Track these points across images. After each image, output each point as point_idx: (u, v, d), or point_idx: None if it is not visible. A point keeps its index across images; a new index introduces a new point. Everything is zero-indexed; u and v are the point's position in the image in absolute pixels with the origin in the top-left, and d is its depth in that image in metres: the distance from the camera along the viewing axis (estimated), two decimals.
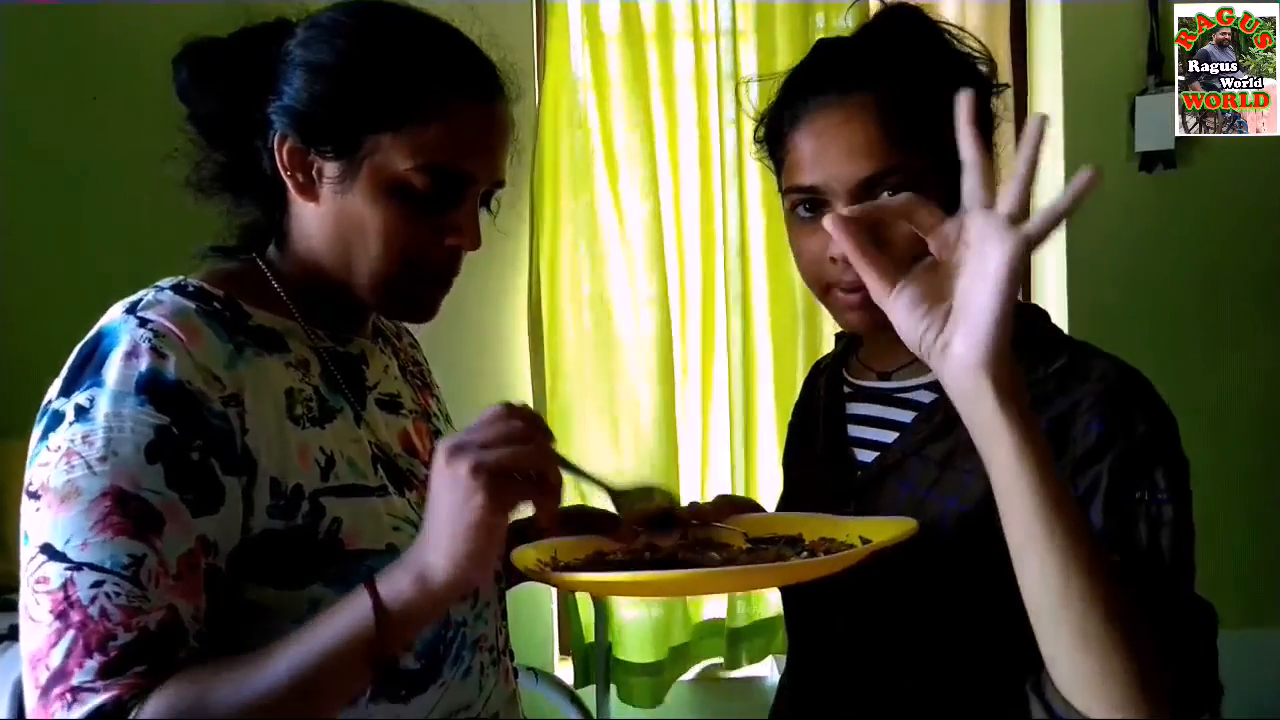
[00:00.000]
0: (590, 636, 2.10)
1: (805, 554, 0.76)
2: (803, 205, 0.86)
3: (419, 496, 0.85)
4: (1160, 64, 2.03)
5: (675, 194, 2.16)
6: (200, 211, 0.86)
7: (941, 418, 0.85)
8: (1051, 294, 2.17)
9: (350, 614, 0.69)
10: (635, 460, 2.13)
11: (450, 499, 0.67)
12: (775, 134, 0.88)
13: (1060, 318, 2.11)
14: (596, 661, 2.06)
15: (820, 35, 2.13)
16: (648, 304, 2.12)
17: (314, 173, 0.81)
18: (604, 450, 2.15)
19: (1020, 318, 0.87)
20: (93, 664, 0.65)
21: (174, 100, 0.84)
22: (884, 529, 0.78)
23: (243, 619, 0.74)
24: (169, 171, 0.85)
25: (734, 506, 0.95)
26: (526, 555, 0.81)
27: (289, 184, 0.81)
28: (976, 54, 0.89)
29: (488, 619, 0.90)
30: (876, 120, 0.80)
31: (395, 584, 0.69)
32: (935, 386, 0.88)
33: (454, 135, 0.79)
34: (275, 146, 0.80)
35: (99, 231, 1.91)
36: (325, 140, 0.79)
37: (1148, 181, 2.06)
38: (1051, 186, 2.12)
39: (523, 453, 0.68)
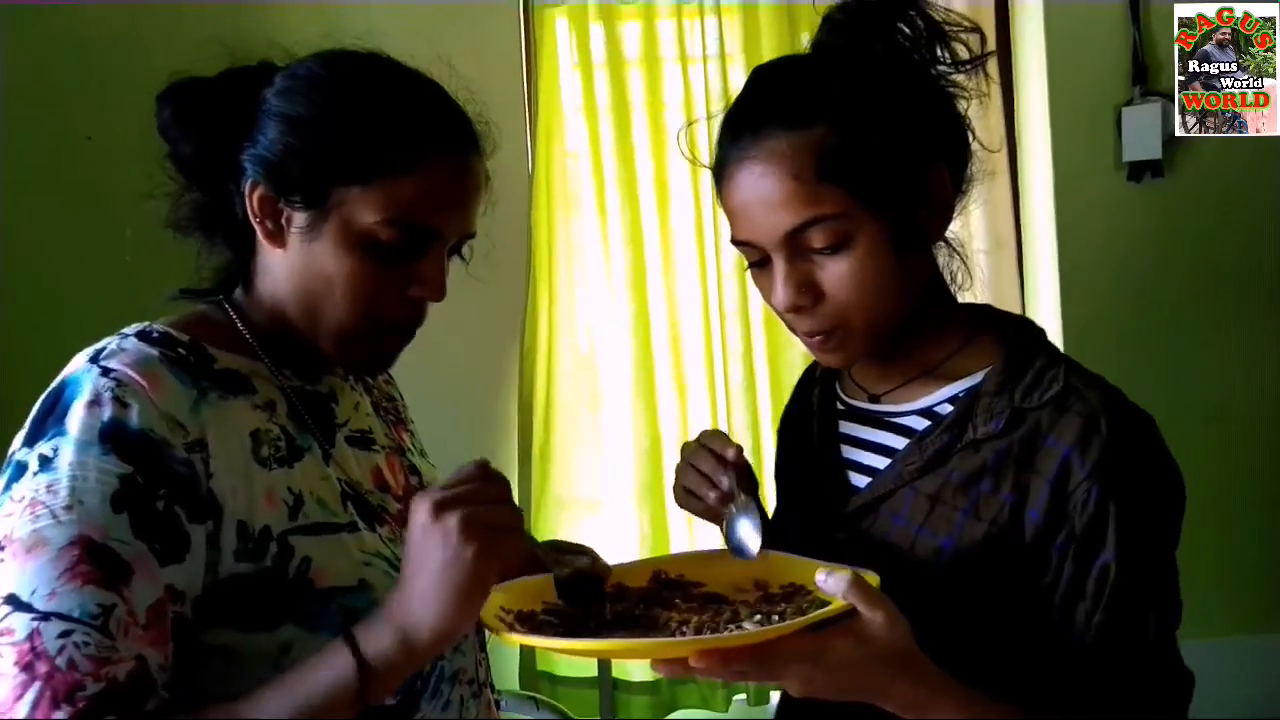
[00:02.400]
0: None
1: (758, 616, 0.73)
2: (747, 255, 0.85)
3: (390, 531, 0.85)
4: (1145, 74, 2.04)
5: (664, 215, 2.16)
6: (182, 251, 0.87)
7: (934, 450, 0.83)
8: (1046, 300, 2.18)
9: (331, 669, 0.69)
10: (633, 484, 2.14)
11: (439, 555, 0.68)
12: (715, 177, 0.86)
13: (1054, 323, 2.11)
14: (601, 693, 2.05)
15: None
16: (648, 325, 2.14)
17: (283, 221, 0.81)
18: (598, 472, 2.16)
19: (1015, 337, 0.86)
20: (61, 716, 0.64)
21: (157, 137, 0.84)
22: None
23: (213, 663, 0.74)
24: (154, 210, 0.86)
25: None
26: (491, 601, 0.78)
27: (258, 230, 0.82)
28: (952, 32, 0.85)
29: (466, 651, 0.89)
30: (789, 169, 0.78)
31: (378, 640, 0.69)
32: (928, 413, 0.86)
33: (423, 191, 0.79)
34: (247, 193, 0.81)
35: (91, 265, 1.92)
36: (295, 191, 0.79)
37: (1136, 191, 2.07)
38: (1042, 196, 2.14)
39: (505, 511, 0.71)
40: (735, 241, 0.85)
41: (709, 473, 0.90)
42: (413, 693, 0.82)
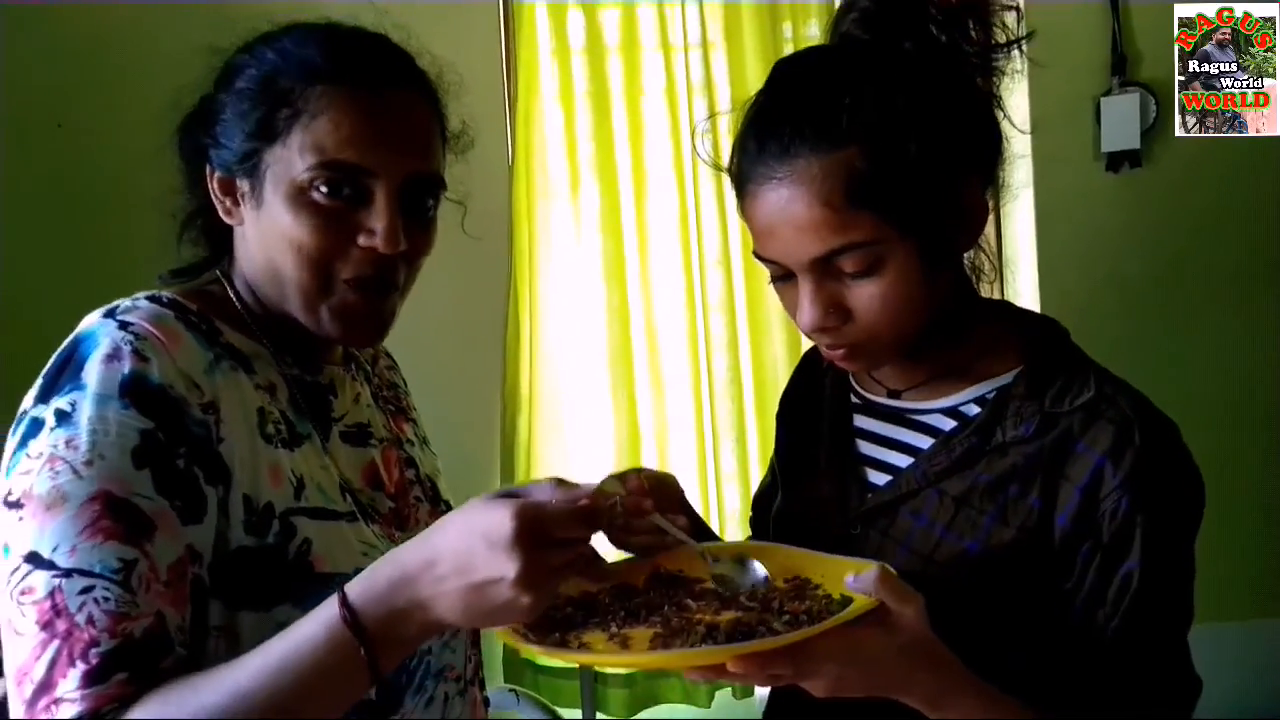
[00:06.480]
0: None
1: (786, 616, 0.71)
2: (771, 270, 0.82)
3: (381, 530, 0.84)
4: (1124, 64, 2.05)
5: (644, 205, 2.15)
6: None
7: (961, 451, 0.81)
8: (1025, 288, 2.19)
9: (331, 652, 0.65)
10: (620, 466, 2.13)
11: (487, 574, 0.64)
12: (736, 187, 0.82)
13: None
14: (583, 686, 2.05)
15: (788, 44, 2.15)
16: (627, 316, 2.12)
17: (238, 197, 0.81)
18: (577, 464, 2.15)
19: (1039, 337, 0.85)
20: (75, 672, 0.64)
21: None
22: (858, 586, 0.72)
23: (208, 641, 0.73)
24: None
25: (657, 484, 0.86)
26: None
27: (219, 211, 0.82)
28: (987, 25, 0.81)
29: (455, 648, 0.88)
30: (819, 195, 0.74)
31: (396, 624, 0.66)
32: (953, 413, 0.84)
33: (337, 128, 0.77)
34: (208, 180, 0.82)
35: (87, 246, 1.90)
36: (238, 164, 0.80)
37: (1114, 180, 2.09)
38: (1023, 187, 2.15)
39: (578, 563, 0.70)
40: (758, 257, 0.81)
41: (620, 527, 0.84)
42: (396, 688, 0.81)
